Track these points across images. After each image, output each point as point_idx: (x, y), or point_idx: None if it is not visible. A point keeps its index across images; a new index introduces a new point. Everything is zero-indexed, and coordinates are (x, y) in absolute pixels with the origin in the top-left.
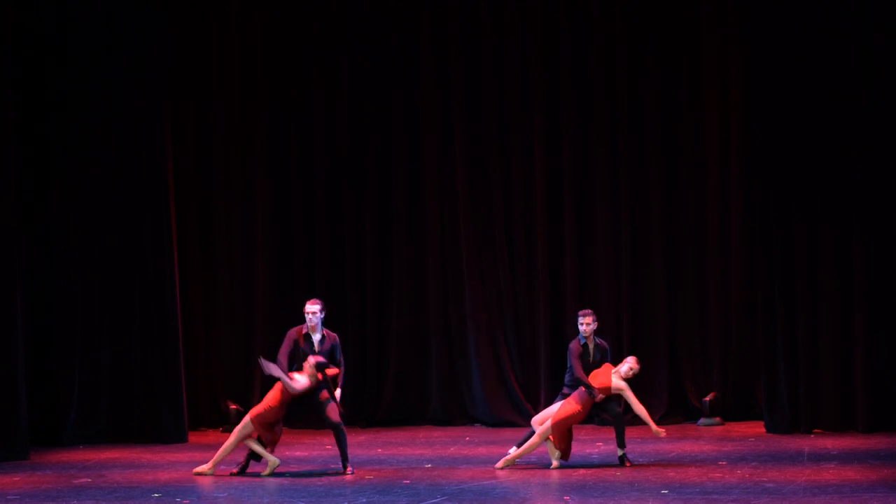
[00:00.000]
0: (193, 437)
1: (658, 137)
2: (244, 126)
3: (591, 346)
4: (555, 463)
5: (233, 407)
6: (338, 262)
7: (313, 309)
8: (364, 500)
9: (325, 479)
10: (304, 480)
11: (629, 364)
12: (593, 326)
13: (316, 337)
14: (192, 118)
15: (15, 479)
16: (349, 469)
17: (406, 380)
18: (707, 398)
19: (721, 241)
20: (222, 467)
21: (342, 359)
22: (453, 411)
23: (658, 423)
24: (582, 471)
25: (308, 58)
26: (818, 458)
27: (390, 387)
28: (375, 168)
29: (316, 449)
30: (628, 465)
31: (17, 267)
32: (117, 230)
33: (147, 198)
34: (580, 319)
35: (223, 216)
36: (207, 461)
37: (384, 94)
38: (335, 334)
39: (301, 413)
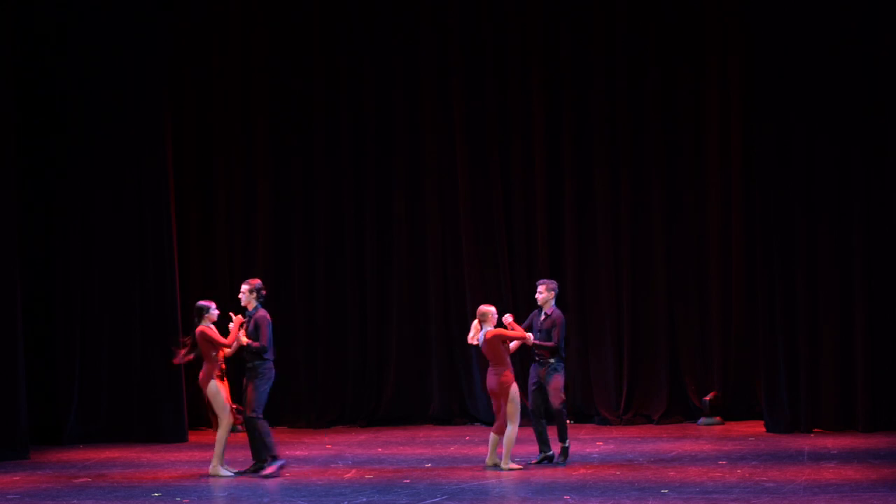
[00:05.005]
0: (193, 437)
1: (658, 137)
2: (244, 126)
3: (541, 315)
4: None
5: (233, 406)
6: (338, 263)
7: (242, 289)
8: (364, 500)
9: (325, 479)
10: (304, 480)
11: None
12: (542, 296)
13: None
14: (192, 118)
15: (15, 478)
16: (266, 470)
17: (406, 379)
18: (707, 397)
19: (721, 241)
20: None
21: (262, 337)
22: (453, 410)
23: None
24: (582, 470)
25: (308, 58)
26: (818, 457)
27: (390, 386)
28: (375, 168)
29: (316, 449)
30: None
31: (17, 266)
32: (117, 229)
33: (147, 197)
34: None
35: (223, 216)
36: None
37: (384, 94)
38: (261, 314)
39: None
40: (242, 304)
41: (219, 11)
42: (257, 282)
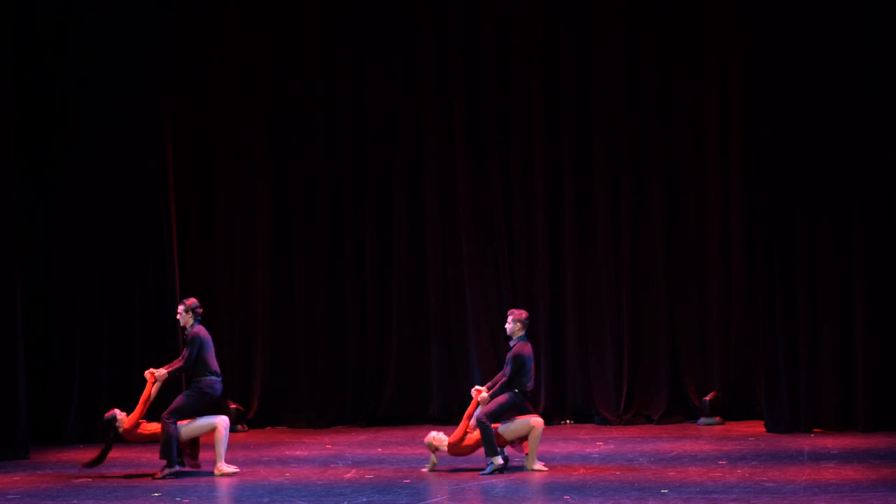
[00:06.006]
0: None
1: (658, 137)
2: (244, 126)
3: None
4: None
5: (233, 406)
6: (338, 263)
7: (178, 309)
8: (364, 500)
9: (325, 479)
10: (304, 480)
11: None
12: (509, 327)
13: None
14: (192, 118)
15: (15, 478)
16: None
17: (406, 379)
18: (707, 397)
19: (721, 241)
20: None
21: (185, 352)
22: (453, 410)
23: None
24: (582, 470)
25: (308, 58)
26: (818, 457)
27: (390, 386)
28: (375, 168)
29: (316, 449)
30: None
31: (17, 266)
32: (117, 229)
33: (147, 197)
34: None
35: (223, 216)
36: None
37: (384, 94)
38: (195, 331)
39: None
40: (181, 324)
41: (219, 11)
42: (193, 301)
